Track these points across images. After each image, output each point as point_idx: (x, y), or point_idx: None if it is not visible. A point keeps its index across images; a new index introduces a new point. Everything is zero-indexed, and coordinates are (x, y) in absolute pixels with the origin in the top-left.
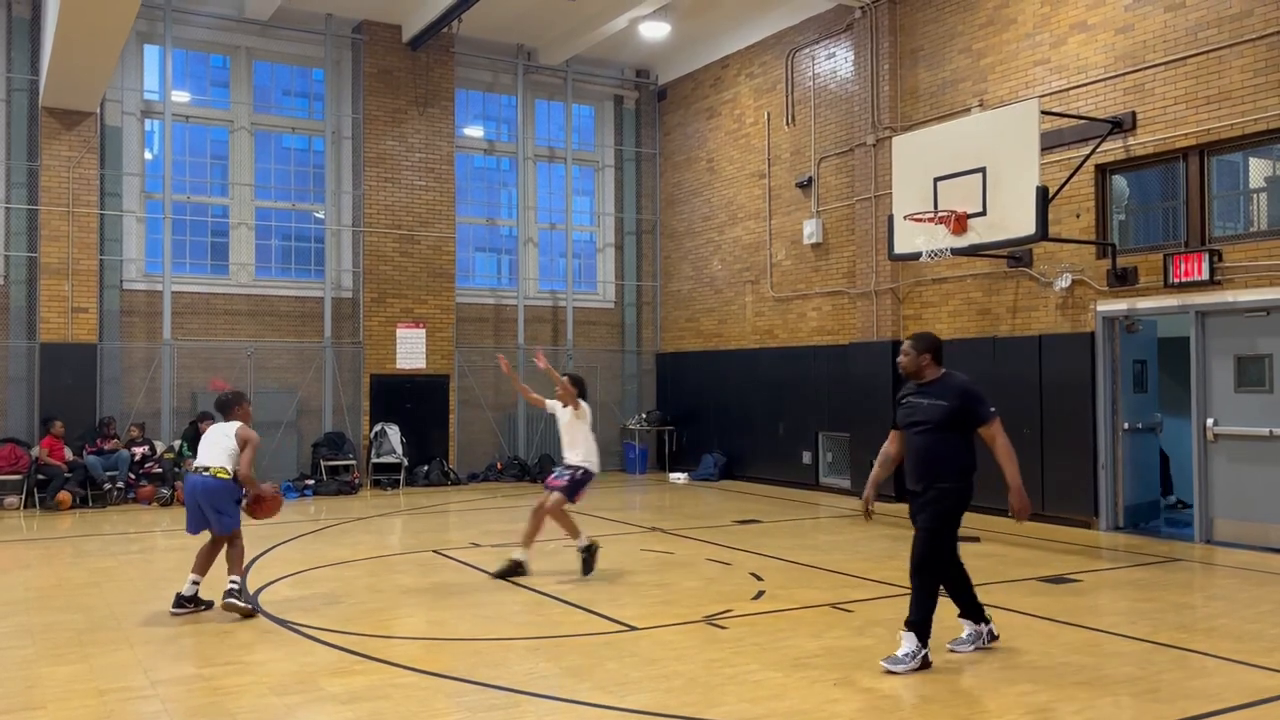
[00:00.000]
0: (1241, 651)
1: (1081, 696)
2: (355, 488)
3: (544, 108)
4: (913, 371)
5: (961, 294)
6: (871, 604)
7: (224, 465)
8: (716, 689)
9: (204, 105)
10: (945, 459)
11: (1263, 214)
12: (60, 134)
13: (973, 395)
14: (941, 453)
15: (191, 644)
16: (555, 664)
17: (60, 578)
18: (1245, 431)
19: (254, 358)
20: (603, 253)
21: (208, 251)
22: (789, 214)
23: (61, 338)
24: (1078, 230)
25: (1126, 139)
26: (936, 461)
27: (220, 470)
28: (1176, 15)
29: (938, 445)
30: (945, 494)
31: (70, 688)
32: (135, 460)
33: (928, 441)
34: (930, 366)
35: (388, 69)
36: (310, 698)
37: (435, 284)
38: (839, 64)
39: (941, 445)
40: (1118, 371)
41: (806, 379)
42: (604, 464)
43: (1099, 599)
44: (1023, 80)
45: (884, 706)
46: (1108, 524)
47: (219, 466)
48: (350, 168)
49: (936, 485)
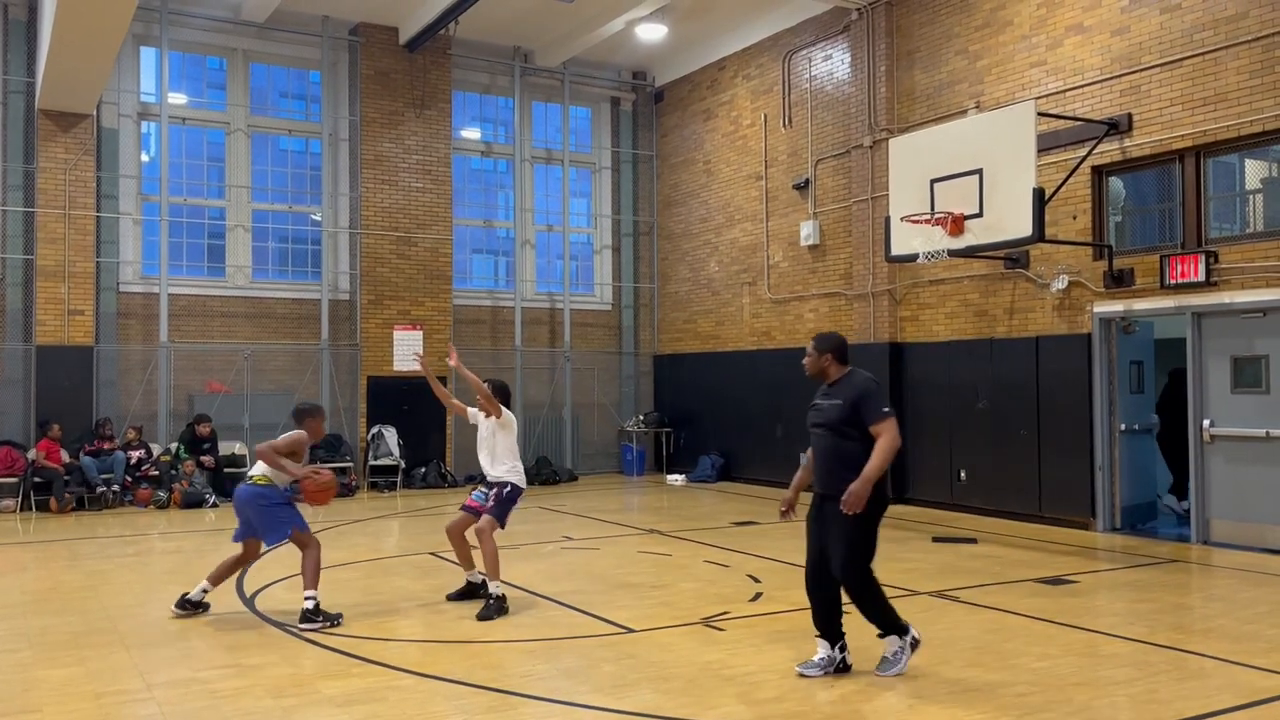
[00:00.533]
0: (1239, 652)
1: (1079, 698)
2: (353, 490)
3: (541, 110)
4: (815, 373)
5: (958, 295)
6: None
7: (265, 473)
8: (714, 691)
9: (201, 107)
10: (850, 461)
11: (1259, 215)
12: (57, 136)
13: (866, 394)
14: (845, 455)
15: (188, 647)
16: (552, 666)
17: (56, 580)
18: (1242, 432)
19: (251, 360)
20: (600, 254)
21: (204, 254)
22: (786, 216)
23: (58, 340)
24: (1074, 232)
25: (1123, 140)
26: (841, 464)
27: (261, 478)
28: (1172, 17)
29: (840, 447)
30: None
31: (66, 691)
32: (132, 463)
33: (830, 443)
34: (833, 366)
35: (385, 71)
36: (307, 700)
37: (432, 286)
38: (836, 66)
39: (844, 447)
40: (1114, 373)
41: (804, 381)
42: (602, 465)
43: (1096, 600)
44: (1019, 82)
45: (881, 708)
46: (1105, 525)
47: (260, 474)
48: (347, 170)
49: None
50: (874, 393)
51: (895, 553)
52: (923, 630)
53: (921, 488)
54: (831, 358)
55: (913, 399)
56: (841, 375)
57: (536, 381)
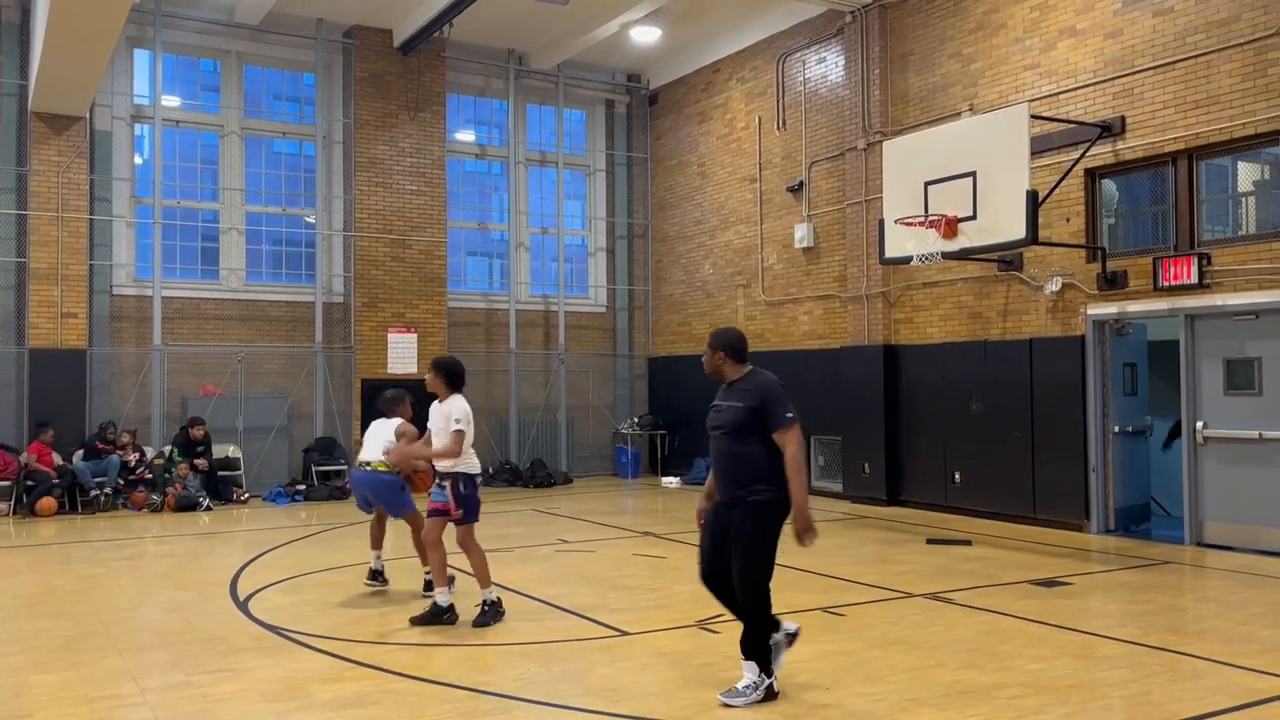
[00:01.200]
0: (1233, 654)
1: (1073, 700)
2: (347, 493)
3: (535, 112)
4: (711, 372)
5: (952, 298)
6: (863, 608)
7: (382, 459)
8: (709, 694)
9: (194, 110)
10: (751, 466)
11: (1251, 218)
12: (49, 139)
13: (771, 396)
14: (746, 459)
15: (181, 651)
16: (547, 669)
17: (49, 584)
18: (1235, 434)
19: (245, 363)
20: (594, 257)
21: (198, 256)
22: (780, 218)
23: (51, 343)
24: (1068, 234)
25: (1116, 143)
26: (742, 469)
27: (380, 464)
28: (1165, 20)
29: (740, 451)
30: (762, 505)
31: (59, 695)
32: (128, 466)
33: (728, 447)
34: (729, 365)
35: (379, 73)
36: (301, 704)
37: (427, 289)
38: (829, 69)
39: (743, 452)
40: (1108, 375)
41: (798, 383)
42: (597, 468)
43: (1090, 602)
44: (1012, 85)
45: (876, 710)
46: (1098, 527)
47: (379, 461)
48: (341, 172)
49: (751, 497)
50: (779, 396)
51: (890, 555)
52: (918, 632)
53: (915, 490)
54: (725, 355)
55: (907, 401)
56: (740, 375)
57: (531, 384)
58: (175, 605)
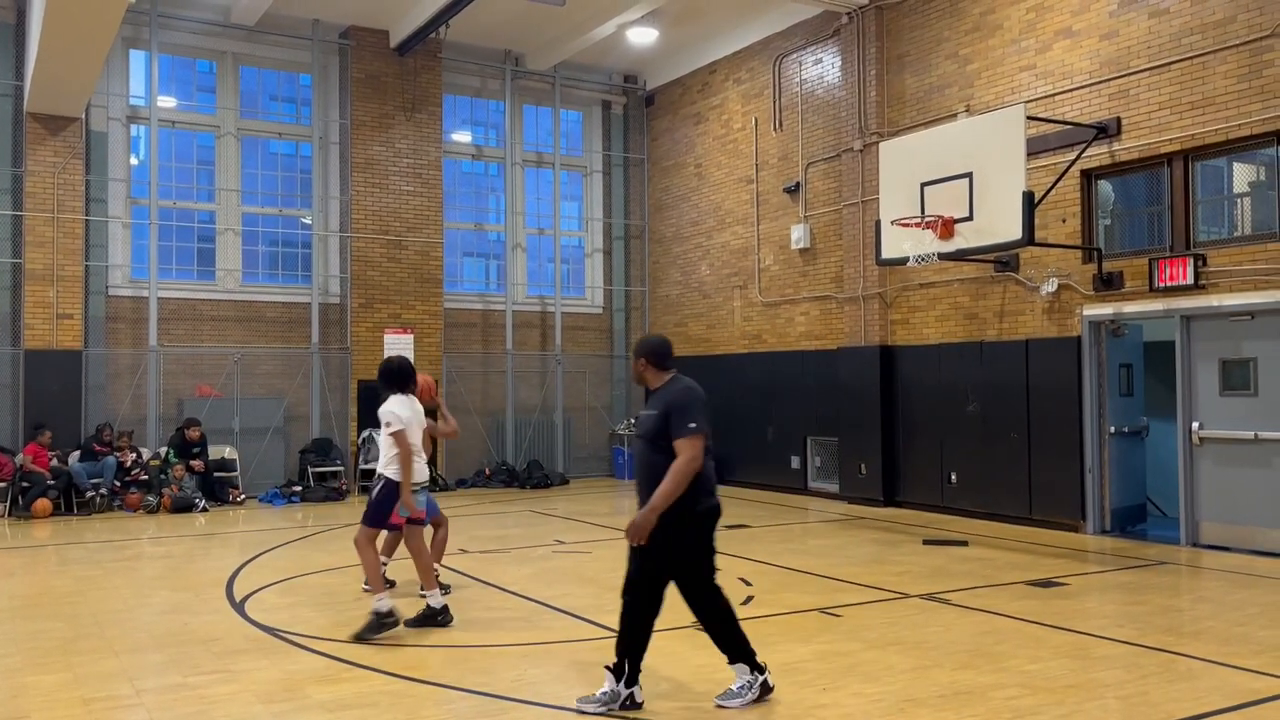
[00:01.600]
0: (1229, 654)
1: (1069, 700)
2: (343, 494)
3: (532, 113)
4: (636, 379)
5: (949, 299)
6: (861, 608)
7: None
8: (706, 695)
9: (190, 110)
10: (662, 473)
11: (1246, 218)
12: (45, 139)
13: (676, 405)
14: (659, 467)
15: (178, 652)
16: (544, 670)
17: (45, 586)
18: (1230, 435)
19: (241, 364)
20: (591, 258)
21: (194, 257)
22: (777, 219)
23: (46, 344)
24: (1064, 235)
25: (1112, 144)
26: (655, 477)
27: None
28: (1160, 22)
29: (653, 460)
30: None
31: (55, 696)
32: (124, 468)
33: (645, 455)
34: (650, 371)
35: (375, 74)
36: (297, 706)
37: (423, 289)
38: (826, 70)
39: (656, 460)
40: (1104, 375)
41: (795, 384)
42: (594, 469)
43: (1086, 602)
44: (1009, 86)
45: (873, 711)
46: (1094, 527)
47: None
48: (337, 173)
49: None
50: (685, 405)
51: (886, 555)
52: (914, 633)
53: (912, 490)
54: (646, 362)
55: (903, 402)
56: (662, 382)
57: (528, 385)
58: (171, 606)
